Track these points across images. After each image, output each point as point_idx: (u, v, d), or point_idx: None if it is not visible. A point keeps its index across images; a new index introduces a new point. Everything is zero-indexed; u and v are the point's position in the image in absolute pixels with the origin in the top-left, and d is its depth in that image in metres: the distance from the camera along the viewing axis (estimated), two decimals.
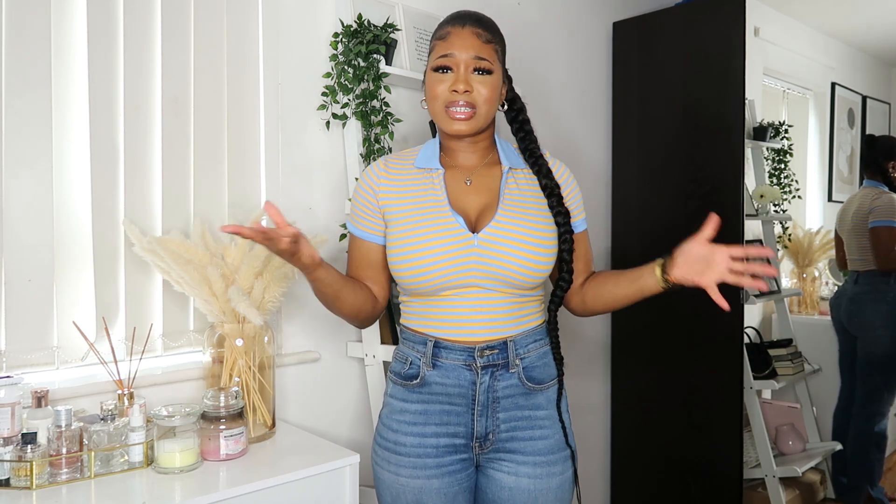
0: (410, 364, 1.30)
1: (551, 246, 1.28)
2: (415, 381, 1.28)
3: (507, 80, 1.36)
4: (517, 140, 1.38)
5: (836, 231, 3.25)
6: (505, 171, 1.32)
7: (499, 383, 1.27)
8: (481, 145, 1.33)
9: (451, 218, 1.25)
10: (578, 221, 1.35)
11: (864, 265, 3.03)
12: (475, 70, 1.25)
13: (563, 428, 1.32)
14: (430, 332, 1.28)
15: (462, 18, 1.28)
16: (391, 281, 1.37)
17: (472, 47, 1.25)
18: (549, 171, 1.33)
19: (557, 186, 1.32)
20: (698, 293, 1.20)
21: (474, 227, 1.26)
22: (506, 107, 1.36)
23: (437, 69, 1.27)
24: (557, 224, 1.30)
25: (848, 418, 3.12)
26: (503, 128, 1.40)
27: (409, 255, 1.24)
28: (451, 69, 1.26)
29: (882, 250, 2.92)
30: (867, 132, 4.52)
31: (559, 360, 1.34)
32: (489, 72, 1.26)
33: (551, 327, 1.33)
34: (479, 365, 1.26)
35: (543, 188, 1.32)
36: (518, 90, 1.42)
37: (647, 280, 1.27)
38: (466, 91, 1.24)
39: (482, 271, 1.24)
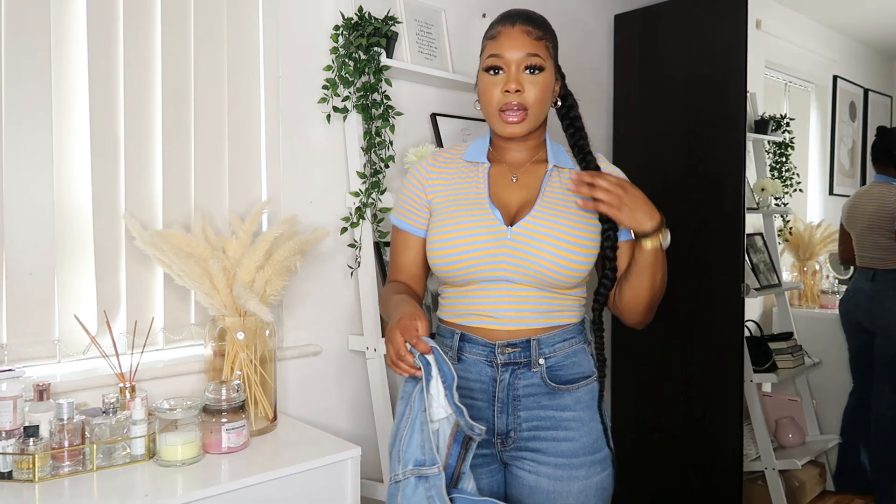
0: None
1: (590, 246, 1.25)
2: None
3: (560, 76, 1.34)
4: (567, 136, 1.36)
5: (841, 225, 3.19)
6: (549, 168, 1.30)
7: (520, 382, 1.26)
8: (531, 143, 1.32)
9: (488, 211, 1.25)
10: (624, 228, 1.27)
11: (883, 263, 2.95)
12: (526, 68, 1.24)
13: (605, 431, 1.29)
14: (457, 321, 1.29)
15: (512, 17, 1.27)
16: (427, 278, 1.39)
17: (522, 46, 1.24)
18: (598, 168, 1.29)
19: None
20: (698, 288, 1.19)
21: (512, 222, 1.25)
22: (559, 104, 1.35)
23: (488, 70, 1.26)
24: (601, 220, 1.26)
25: (858, 417, 3.06)
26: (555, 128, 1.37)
27: (442, 242, 1.25)
28: (501, 69, 1.25)
29: None
30: (870, 125, 4.50)
31: (602, 362, 1.32)
32: (541, 69, 1.25)
33: (596, 327, 1.31)
34: (499, 362, 1.25)
35: None
36: None
37: (637, 254, 1.23)
38: (518, 91, 1.23)
39: (512, 265, 1.23)
